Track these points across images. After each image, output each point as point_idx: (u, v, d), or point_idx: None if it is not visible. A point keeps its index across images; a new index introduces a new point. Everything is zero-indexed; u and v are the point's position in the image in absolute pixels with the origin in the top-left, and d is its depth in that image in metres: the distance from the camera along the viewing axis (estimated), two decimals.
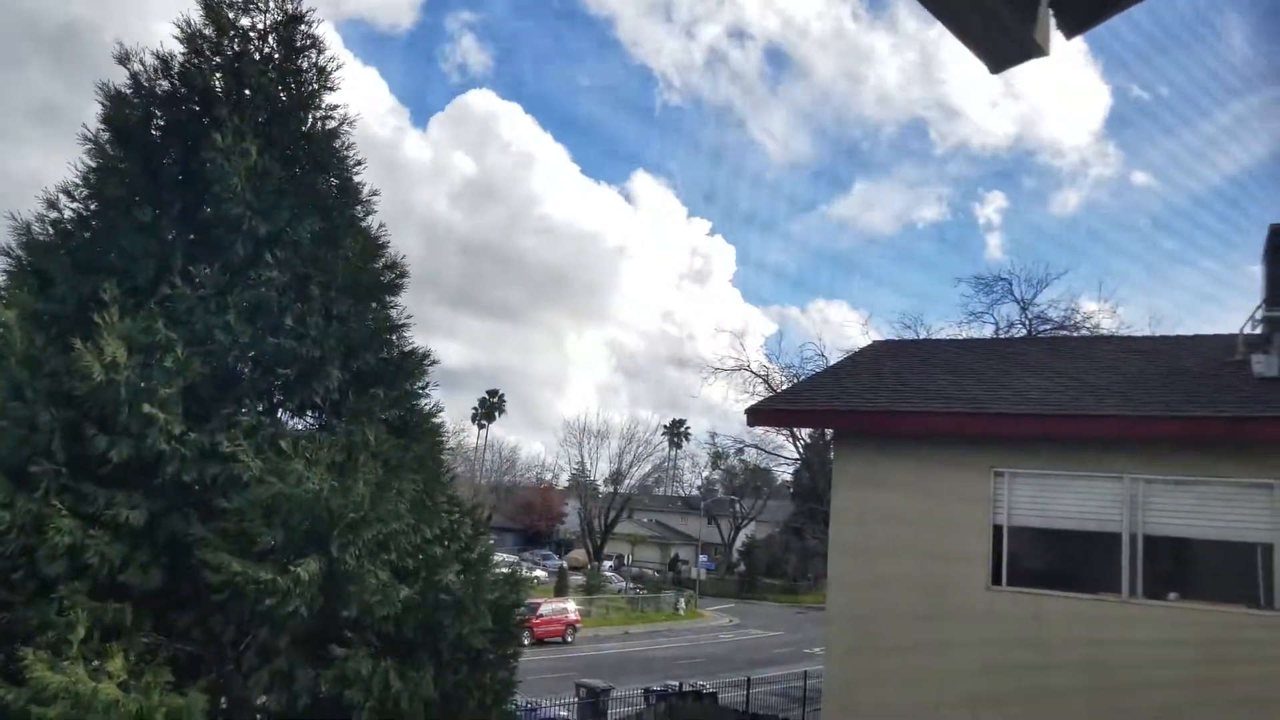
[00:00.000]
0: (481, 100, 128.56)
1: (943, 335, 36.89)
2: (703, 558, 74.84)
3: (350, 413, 7.59)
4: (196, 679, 6.46)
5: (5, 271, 7.35)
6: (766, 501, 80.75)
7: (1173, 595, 10.17)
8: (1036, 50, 2.23)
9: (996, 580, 10.86)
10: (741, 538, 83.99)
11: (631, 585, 63.44)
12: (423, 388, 8.40)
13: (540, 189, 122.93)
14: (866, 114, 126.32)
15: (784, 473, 67.61)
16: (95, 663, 5.84)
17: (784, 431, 46.42)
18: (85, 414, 6.57)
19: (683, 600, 59.83)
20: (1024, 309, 36.92)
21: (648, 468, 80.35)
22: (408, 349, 8.41)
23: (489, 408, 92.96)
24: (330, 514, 6.57)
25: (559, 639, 43.69)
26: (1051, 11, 2.22)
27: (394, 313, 8.40)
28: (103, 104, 7.96)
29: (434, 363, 8.51)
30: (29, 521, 6.17)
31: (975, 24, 2.16)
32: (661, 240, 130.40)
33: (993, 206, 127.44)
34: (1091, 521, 10.66)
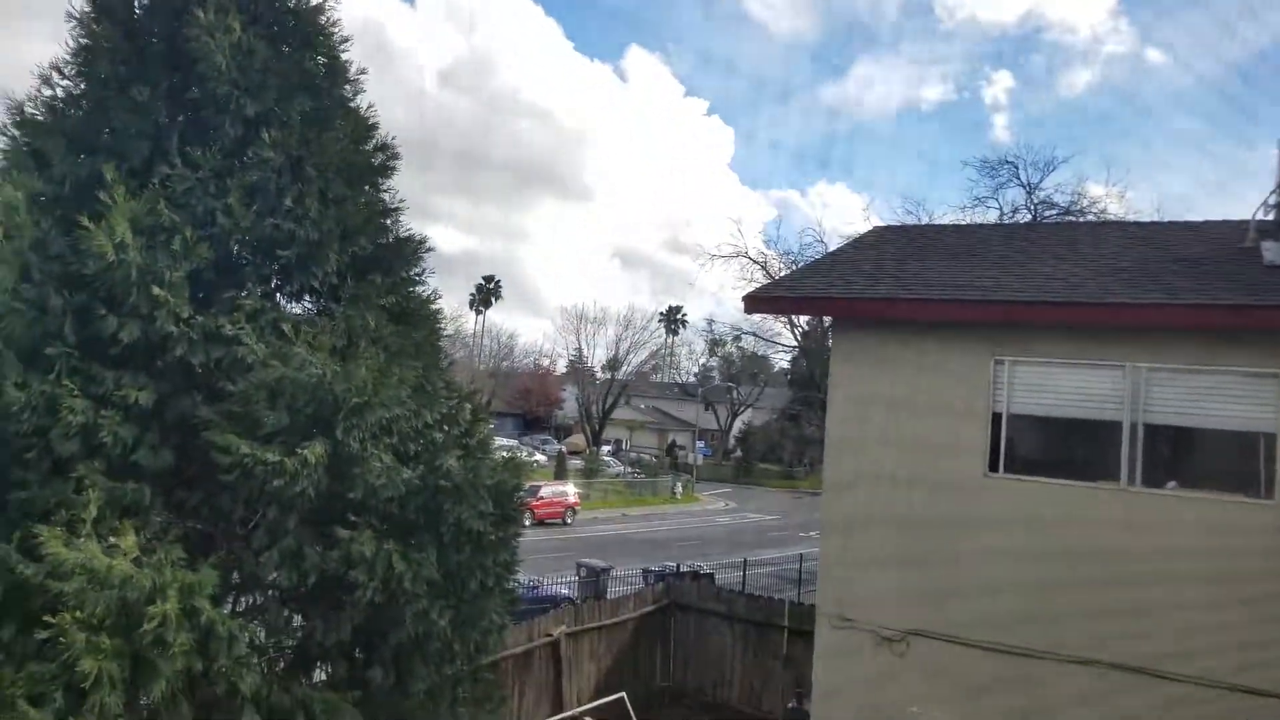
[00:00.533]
0: None
1: (946, 221, 36.57)
2: (700, 443, 76.15)
3: (349, 298, 7.58)
4: (207, 556, 6.65)
5: (2, 152, 7.21)
6: (764, 389, 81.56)
7: (1172, 484, 10.38)
8: None
9: (994, 467, 11.06)
10: (739, 424, 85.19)
11: (629, 470, 64.71)
12: (419, 274, 8.39)
13: (533, 68, 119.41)
14: None
15: (781, 360, 68.07)
16: (110, 540, 5.99)
17: (782, 319, 46.51)
18: (94, 295, 6.57)
19: (680, 485, 61.17)
20: (1030, 194, 36.51)
21: (645, 354, 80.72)
22: (403, 234, 8.35)
23: (485, 294, 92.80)
24: (334, 398, 6.65)
25: (559, 521, 44.93)
26: None
27: (387, 197, 8.31)
28: None
29: (430, 249, 8.45)
30: (42, 402, 6.25)
31: None
32: (658, 120, 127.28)
33: (1000, 86, 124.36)
34: (1092, 409, 10.78)
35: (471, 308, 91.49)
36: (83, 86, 7.46)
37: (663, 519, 50.29)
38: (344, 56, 8.29)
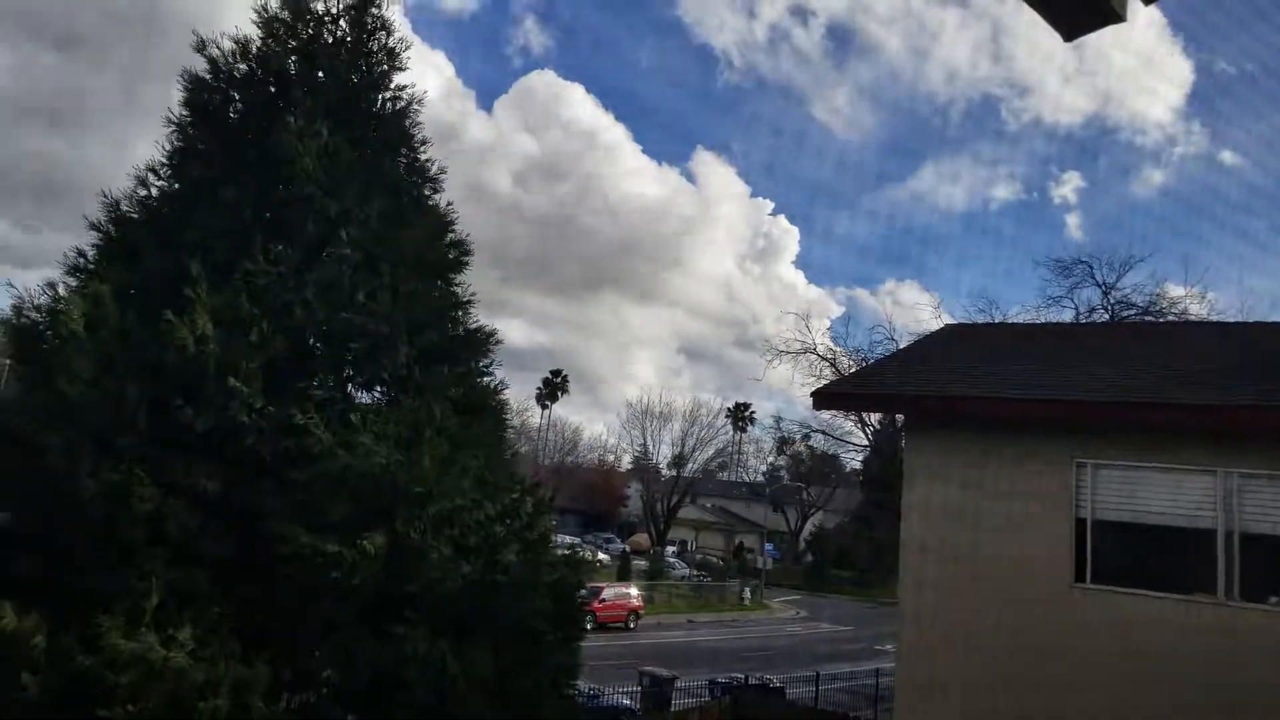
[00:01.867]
0: (544, 81, 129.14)
1: (1019, 320, 35.86)
2: (769, 546, 74.36)
3: (416, 388, 7.66)
4: (262, 649, 6.58)
5: (95, 246, 7.58)
6: (835, 490, 79.68)
7: (1274, 599, 9.66)
8: (1113, 16, 2.07)
9: (1080, 577, 10.44)
10: (809, 527, 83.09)
11: (695, 572, 63.33)
12: (487, 365, 8.46)
13: (602, 168, 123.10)
14: (935, 91, 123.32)
15: (853, 460, 66.66)
16: (169, 630, 5.98)
17: (852, 417, 45.70)
18: (171, 386, 6.74)
19: (748, 590, 59.48)
20: (1106, 293, 35.63)
21: (711, 452, 79.75)
22: (473, 326, 8.47)
23: (552, 387, 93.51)
24: (396, 488, 6.64)
25: (621, 624, 43.87)
26: None
27: (459, 290, 8.47)
28: (184, 88, 8.18)
29: (498, 341, 8.55)
30: (113, 490, 6.35)
31: None
32: (724, 220, 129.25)
33: (1070, 186, 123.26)
34: (1183, 517, 10.17)
35: (538, 402, 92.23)
36: (176, 186, 7.85)
37: (730, 626, 48.83)
38: (424, 157, 8.63)
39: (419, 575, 6.73)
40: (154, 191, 7.88)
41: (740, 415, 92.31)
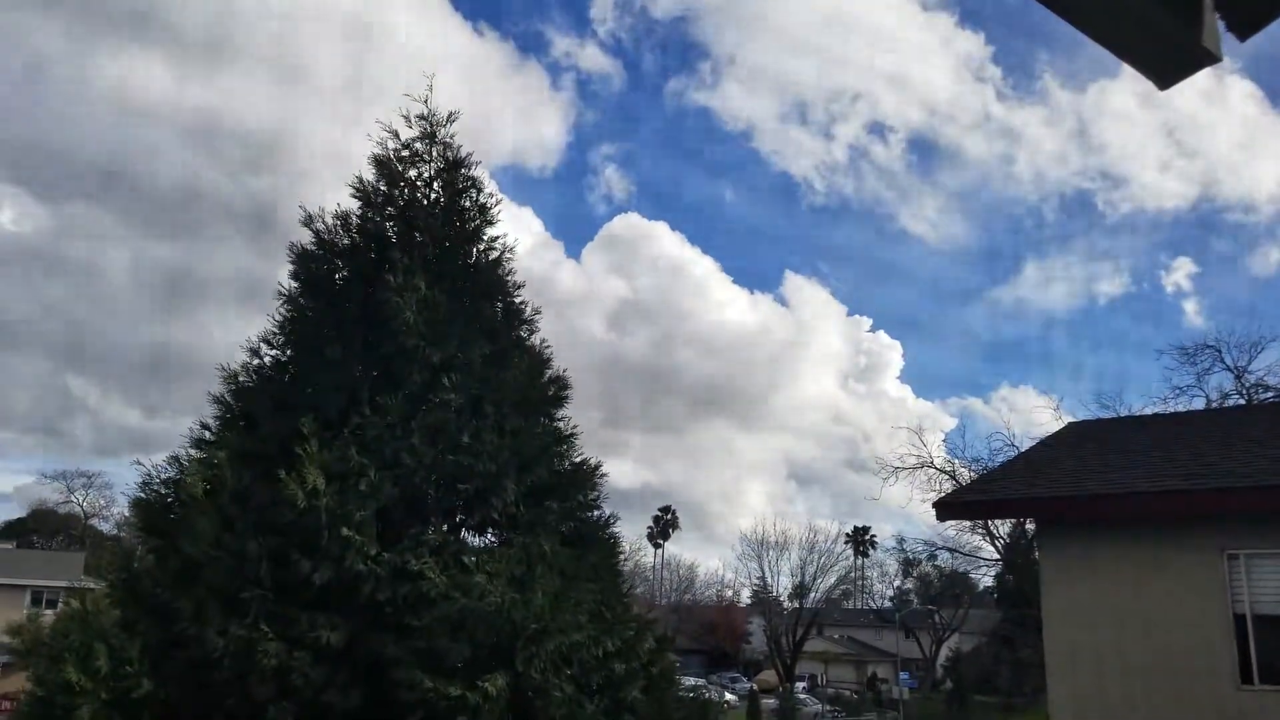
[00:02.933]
0: (628, 224, 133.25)
1: (1149, 414, 34.09)
2: (904, 675, 70.30)
3: (526, 525, 7.69)
4: None
5: (216, 418, 8.03)
6: (968, 610, 75.41)
7: None
8: (1207, 57, 2.02)
9: (1247, 678, 9.51)
10: (945, 651, 78.43)
11: (829, 708, 60.07)
12: (594, 499, 8.47)
13: (694, 302, 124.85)
14: (1026, 191, 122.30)
15: (984, 577, 63.16)
16: None
17: (979, 530, 43.63)
18: (289, 541, 6.95)
19: None
20: (1239, 377, 33.70)
21: (833, 579, 76.77)
22: (578, 460, 8.53)
23: (663, 525, 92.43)
24: (513, 626, 6.60)
25: None
26: (1218, 13, 2.03)
27: (562, 425, 8.59)
28: (292, 262, 8.79)
29: (603, 474, 8.59)
30: (240, 647, 6.48)
31: (1134, 37, 1.99)
32: (822, 341, 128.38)
33: (1182, 272, 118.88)
34: None
35: (650, 541, 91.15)
36: (288, 353, 8.32)
37: None
38: (518, 300, 8.97)
39: (543, 716, 6.57)
40: (267, 360, 8.37)
41: (860, 539, 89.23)
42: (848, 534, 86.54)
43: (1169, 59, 2.03)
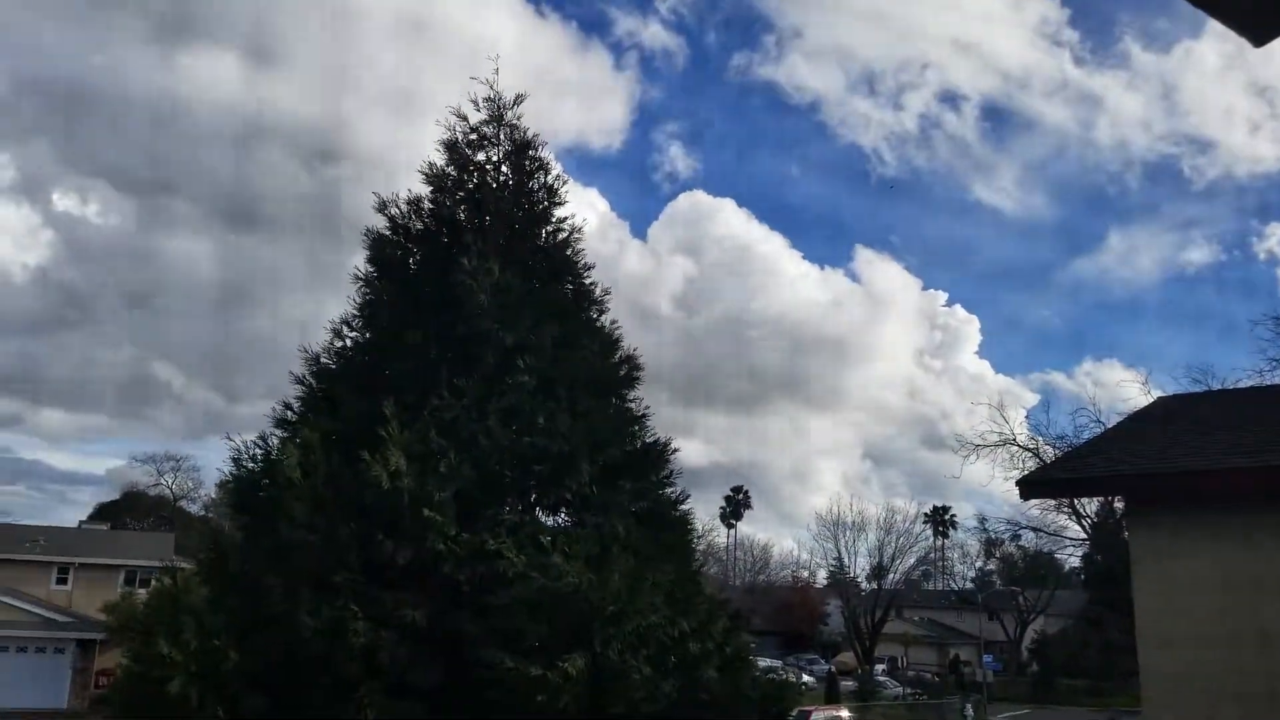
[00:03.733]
0: (693, 202, 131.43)
1: (1244, 386, 32.62)
2: (987, 658, 68.89)
3: (599, 505, 7.72)
4: None
5: (299, 398, 8.23)
6: (1054, 591, 73.53)
7: None
8: None
9: None
10: (1030, 633, 76.67)
11: (909, 690, 59.30)
12: (667, 477, 8.45)
13: (763, 279, 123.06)
14: (1106, 159, 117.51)
15: (1071, 557, 61.38)
16: None
17: (1065, 508, 42.36)
18: (374, 522, 7.09)
19: (969, 707, 54.95)
20: None
21: (912, 560, 75.51)
22: (649, 440, 8.52)
23: (735, 505, 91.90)
24: (590, 607, 6.62)
25: None
26: None
27: (633, 406, 8.60)
28: (367, 246, 8.96)
29: (675, 451, 8.56)
30: (329, 627, 6.64)
31: None
32: (896, 316, 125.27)
33: (1275, 239, 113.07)
34: None
35: (722, 521, 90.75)
36: (367, 335, 8.49)
37: None
38: (588, 281, 9.01)
39: (622, 696, 6.60)
40: (348, 342, 8.55)
41: (940, 519, 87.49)
42: (926, 514, 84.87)
43: (1266, 14, 1.92)
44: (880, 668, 67.34)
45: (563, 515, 8.10)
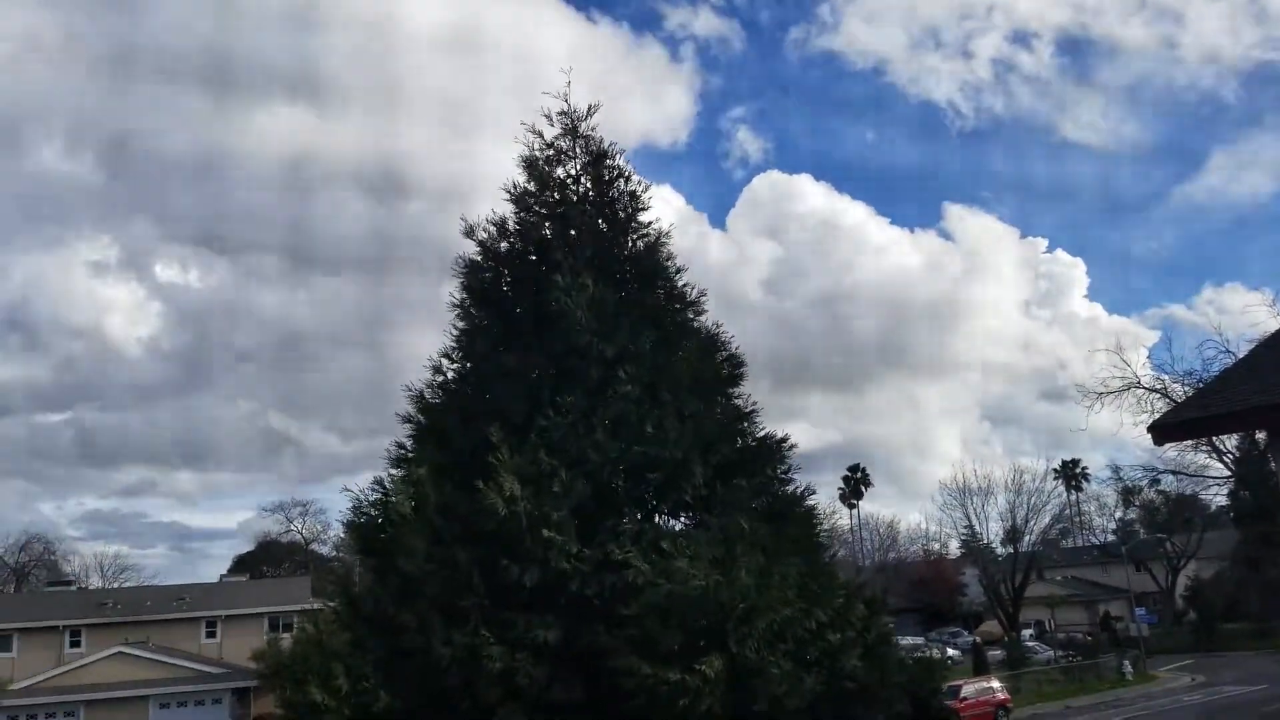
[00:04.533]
0: (769, 183, 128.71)
1: None
2: (1140, 611, 65.90)
3: (719, 505, 7.66)
4: None
5: (410, 436, 8.44)
6: (1203, 534, 69.90)
7: None
8: None
9: None
10: (1183, 580, 73.07)
11: (1061, 653, 57.19)
12: (785, 472, 8.33)
13: (852, 251, 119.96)
14: (1198, 75, 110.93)
15: (1216, 496, 58.20)
16: None
17: (1204, 447, 40.21)
18: (494, 548, 7.20)
19: (1128, 662, 52.69)
20: None
21: (1047, 519, 72.85)
22: (761, 435, 8.42)
23: (854, 484, 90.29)
24: (721, 607, 6.57)
25: None
26: None
27: (740, 403, 8.51)
28: (459, 274, 9.09)
29: (791, 445, 8.42)
30: (465, 654, 6.77)
31: None
32: (997, 270, 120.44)
33: None
34: None
35: (843, 502, 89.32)
36: (467, 365, 8.63)
37: (1117, 706, 43.27)
38: (680, 283, 8.94)
39: (763, 694, 6.53)
40: (449, 374, 8.72)
41: (1071, 473, 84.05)
42: (1056, 470, 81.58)
43: None
44: (1027, 633, 65.22)
45: (683, 519, 8.07)
